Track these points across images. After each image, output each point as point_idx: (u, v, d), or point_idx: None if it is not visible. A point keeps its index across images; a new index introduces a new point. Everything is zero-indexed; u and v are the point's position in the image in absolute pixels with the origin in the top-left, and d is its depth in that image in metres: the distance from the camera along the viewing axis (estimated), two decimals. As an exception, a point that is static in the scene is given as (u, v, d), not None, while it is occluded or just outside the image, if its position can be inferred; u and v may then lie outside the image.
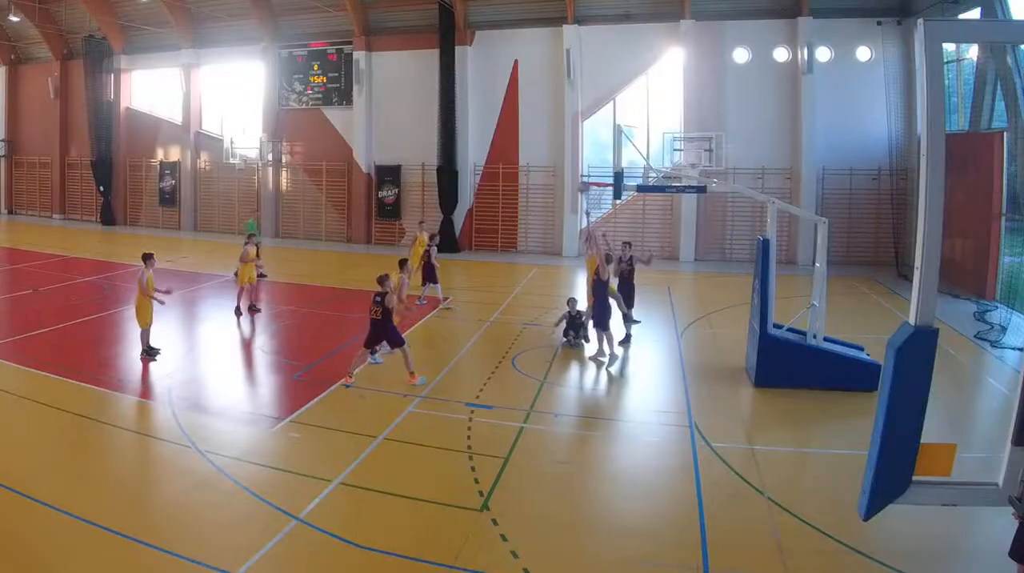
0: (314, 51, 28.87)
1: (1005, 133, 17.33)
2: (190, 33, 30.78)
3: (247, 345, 15.00)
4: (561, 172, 25.66)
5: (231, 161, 29.39)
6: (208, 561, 6.66)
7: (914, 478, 5.37)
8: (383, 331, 11.91)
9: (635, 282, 15.25)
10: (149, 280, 12.95)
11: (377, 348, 12.41)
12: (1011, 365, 12.87)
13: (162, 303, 12.95)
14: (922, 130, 4.81)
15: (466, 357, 13.61)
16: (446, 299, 17.44)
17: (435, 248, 17.36)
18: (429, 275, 16.91)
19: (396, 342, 11.90)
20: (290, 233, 29.12)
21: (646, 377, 13.16)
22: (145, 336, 13.02)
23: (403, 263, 13.70)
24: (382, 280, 12.05)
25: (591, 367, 13.49)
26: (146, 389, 11.65)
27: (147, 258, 12.98)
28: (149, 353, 12.92)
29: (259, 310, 16.72)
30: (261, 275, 17.00)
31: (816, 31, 23.16)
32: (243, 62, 30.26)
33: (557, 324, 14.46)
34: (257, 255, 18.52)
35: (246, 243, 16.70)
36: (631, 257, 15.31)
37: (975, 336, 14.52)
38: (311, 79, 28.92)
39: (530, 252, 26.19)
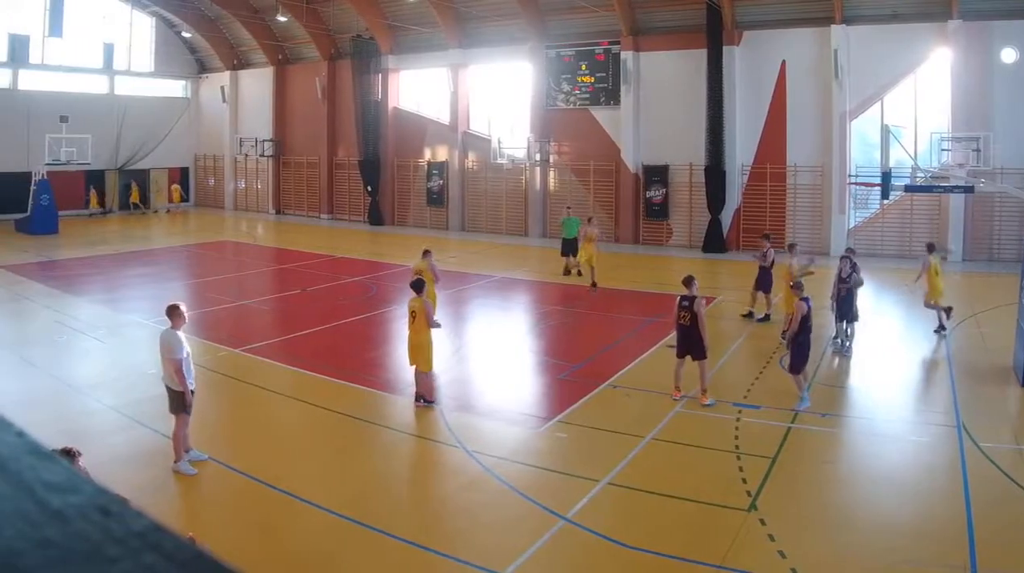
0: (581, 51, 37.39)
1: None
2: (457, 33, 40.27)
3: (514, 345, 17.64)
4: (829, 172, 32.76)
5: (499, 161, 38.81)
6: (476, 561, 7.86)
7: None
8: (693, 339, 13.09)
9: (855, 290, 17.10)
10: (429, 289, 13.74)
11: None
12: None
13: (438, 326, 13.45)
14: None
15: (733, 357, 16.09)
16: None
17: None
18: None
19: (701, 354, 13.14)
20: (557, 233, 32.92)
21: (913, 376, 15.72)
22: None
23: (799, 286, 14.08)
24: (689, 281, 13.13)
25: (859, 368, 15.90)
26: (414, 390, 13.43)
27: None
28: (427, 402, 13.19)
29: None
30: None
31: (1087, 30, 28.48)
32: (510, 62, 39.23)
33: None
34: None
35: (425, 258, 16.98)
36: (853, 265, 17.03)
37: None
38: (579, 79, 37.71)
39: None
